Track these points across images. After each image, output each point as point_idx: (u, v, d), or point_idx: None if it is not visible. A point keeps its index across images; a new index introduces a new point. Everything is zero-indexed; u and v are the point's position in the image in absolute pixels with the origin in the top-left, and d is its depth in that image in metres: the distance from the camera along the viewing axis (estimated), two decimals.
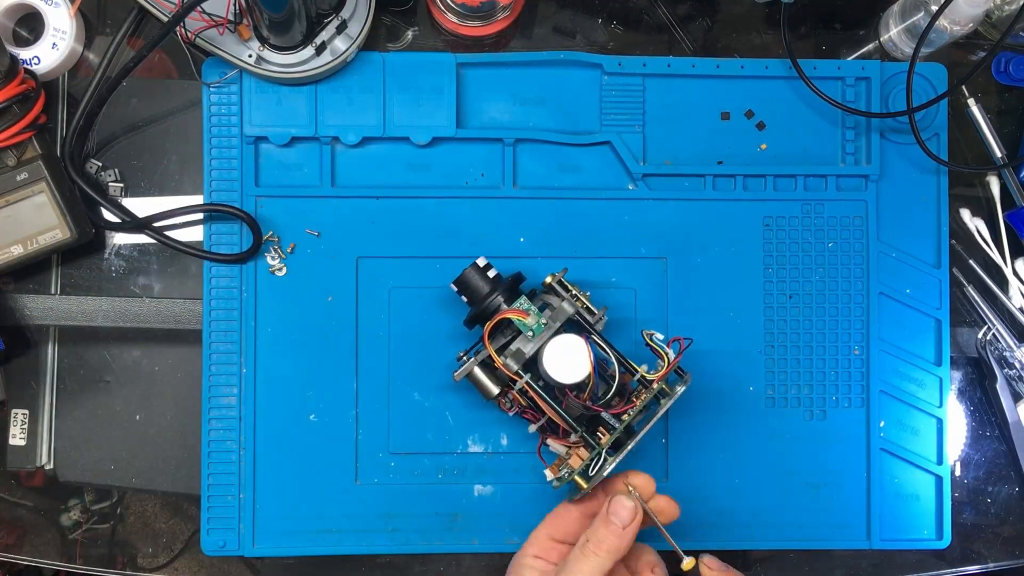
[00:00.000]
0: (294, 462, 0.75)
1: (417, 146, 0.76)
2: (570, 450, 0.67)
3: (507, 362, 0.66)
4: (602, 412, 0.66)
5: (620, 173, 0.77)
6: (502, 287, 0.68)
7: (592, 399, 0.67)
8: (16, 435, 0.76)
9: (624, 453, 0.64)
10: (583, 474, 0.66)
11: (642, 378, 0.67)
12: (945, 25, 0.72)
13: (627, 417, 0.66)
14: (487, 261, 0.69)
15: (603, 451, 0.65)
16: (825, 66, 0.77)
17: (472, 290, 0.68)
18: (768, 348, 0.77)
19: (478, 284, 0.68)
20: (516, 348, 0.66)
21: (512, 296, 0.68)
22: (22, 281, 0.76)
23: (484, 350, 0.67)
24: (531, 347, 0.66)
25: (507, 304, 0.67)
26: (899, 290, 0.78)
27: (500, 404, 0.69)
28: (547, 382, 0.66)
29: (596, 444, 0.66)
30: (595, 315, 0.69)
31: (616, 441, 0.66)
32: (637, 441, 0.65)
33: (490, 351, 0.66)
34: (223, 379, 0.74)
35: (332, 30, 0.72)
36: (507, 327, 0.68)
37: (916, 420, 0.78)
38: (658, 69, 0.77)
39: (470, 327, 0.71)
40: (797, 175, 0.77)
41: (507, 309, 0.67)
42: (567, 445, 0.67)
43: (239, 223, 0.74)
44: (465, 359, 0.68)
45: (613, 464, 0.64)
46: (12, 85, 0.68)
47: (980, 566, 0.80)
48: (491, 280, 0.68)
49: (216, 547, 0.74)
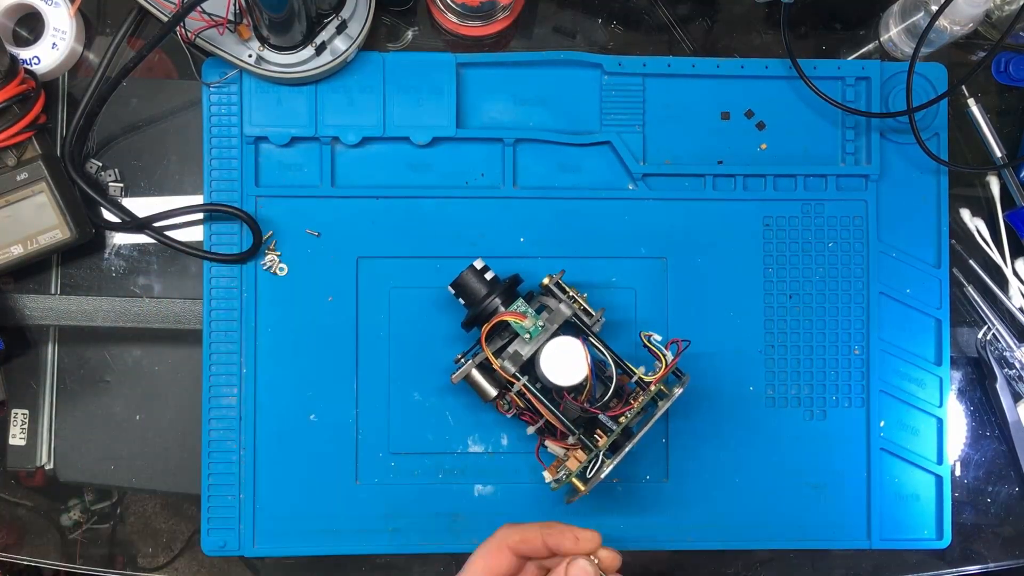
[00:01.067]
0: (294, 462, 0.75)
1: (417, 146, 0.76)
2: (568, 452, 0.67)
3: (504, 364, 0.66)
4: (599, 414, 0.66)
5: (620, 173, 0.77)
6: (499, 289, 0.68)
7: (590, 401, 0.67)
8: (16, 435, 0.76)
9: (622, 455, 0.64)
10: (581, 476, 0.66)
11: (640, 380, 0.67)
12: (945, 25, 0.72)
13: (624, 419, 0.66)
14: (484, 263, 0.69)
15: (600, 453, 0.65)
16: (825, 66, 0.77)
17: (469, 293, 0.69)
18: (768, 348, 0.77)
19: (475, 287, 0.68)
20: (514, 350, 0.66)
21: (509, 298, 0.68)
22: (22, 281, 0.76)
23: (482, 352, 0.67)
24: (528, 349, 0.66)
25: (504, 306, 0.67)
26: (899, 290, 0.78)
27: (498, 406, 0.69)
28: (545, 384, 0.66)
29: (593, 446, 0.66)
30: (593, 317, 0.69)
31: (614, 443, 0.66)
32: (635, 443, 0.65)
33: (487, 354, 0.66)
34: (223, 379, 0.74)
35: (332, 30, 0.72)
36: (505, 329, 0.68)
37: (916, 420, 0.78)
38: (658, 69, 0.77)
39: (468, 329, 0.71)
40: (797, 175, 0.77)
41: (504, 312, 0.67)
42: (565, 447, 0.67)
43: (239, 223, 0.74)
44: (463, 361, 0.68)
45: (611, 466, 0.64)
46: (12, 85, 0.68)
47: (980, 566, 0.80)
48: (488, 282, 0.68)
49: (216, 547, 0.74)
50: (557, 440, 0.68)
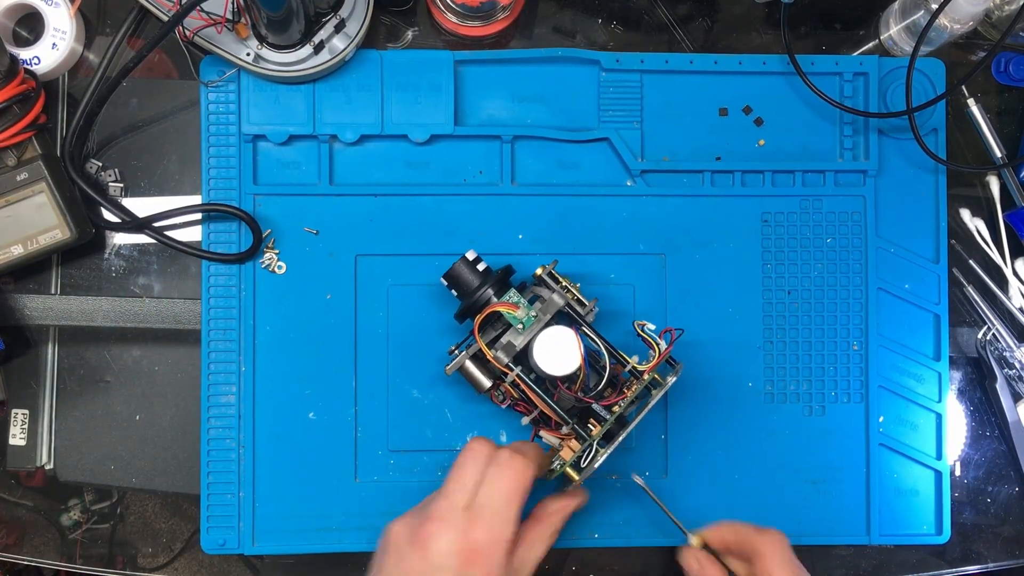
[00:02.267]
0: (293, 460, 0.75)
1: (415, 144, 0.76)
2: (562, 442, 0.67)
3: (497, 355, 0.66)
4: (593, 404, 0.66)
5: (618, 169, 0.77)
6: (491, 280, 0.68)
7: (583, 391, 0.67)
8: (16, 435, 0.76)
9: (615, 444, 0.64)
10: (575, 466, 0.66)
11: (633, 369, 0.67)
12: (945, 24, 0.72)
13: (618, 408, 0.66)
14: (476, 254, 0.69)
15: (594, 443, 0.65)
16: (823, 62, 0.77)
17: (461, 284, 0.68)
18: (767, 344, 0.77)
19: (467, 277, 0.68)
20: (507, 341, 0.66)
21: (502, 289, 0.68)
22: (22, 281, 0.76)
23: (475, 344, 0.67)
24: (522, 340, 0.66)
25: (497, 297, 0.67)
26: (898, 285, 0.78)
27: (492, 397, 0.69)
28: (538, 374, 0.66)
29: (587, 436, 0.66)
30: (586, 307, 0.69)
31: (608, 432, 0.66)
32: (628, 432, 0.65)
33: (480, 344, 0.66)
34: (222, 377, 0.74)
35: (330, 29, 0.72)
36: (498, 320, 0.68)
37: (915, 415, 0.77)
38: (656, 65, 0.77)
39: (460, 321, 0.71)
40: (795, 171, 0.77)
41: (497, 302, 0.67)
42: (560, 437, 0.67)
43: (237, 222, 0.74)
44: (457, 353, 0.68)
45: (604, 455, 0.64)
46: (12, 85, 0.68)
47: (980, 566, 0.80)
48: (480, 273, 0.68)
49: (216, 545, 0.74)
50: (551, 430, 0.68)
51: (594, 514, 0.76)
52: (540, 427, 0.69)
